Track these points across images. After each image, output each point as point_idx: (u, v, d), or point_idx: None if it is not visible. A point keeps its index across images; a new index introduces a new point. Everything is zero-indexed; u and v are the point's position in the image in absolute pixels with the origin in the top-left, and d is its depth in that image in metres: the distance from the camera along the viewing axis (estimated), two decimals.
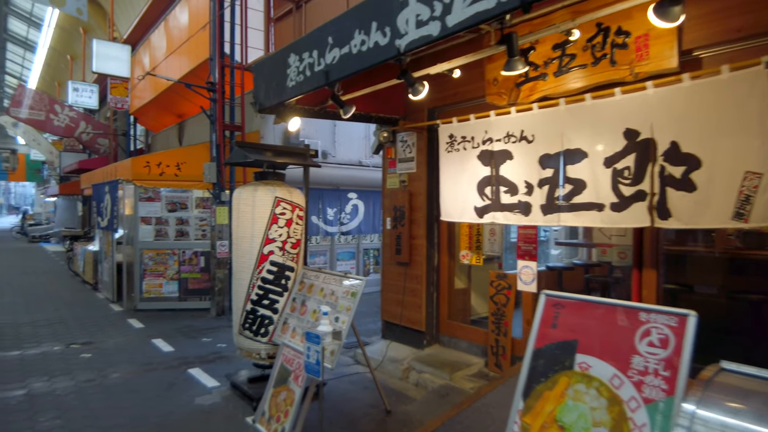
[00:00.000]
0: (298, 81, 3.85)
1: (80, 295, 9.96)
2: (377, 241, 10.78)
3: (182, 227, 8.69)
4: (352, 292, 3.72)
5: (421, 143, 5.47)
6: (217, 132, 8.12)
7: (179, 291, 8.64)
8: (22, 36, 21.08)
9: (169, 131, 13.34)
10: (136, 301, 8.49)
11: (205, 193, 8.95)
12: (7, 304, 8.87)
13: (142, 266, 8.48)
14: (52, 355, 5.84)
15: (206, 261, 8.68)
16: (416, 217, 5.54)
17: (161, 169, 8.39)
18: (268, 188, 4.32)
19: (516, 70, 3.00)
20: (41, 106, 13.80)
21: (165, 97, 11.74)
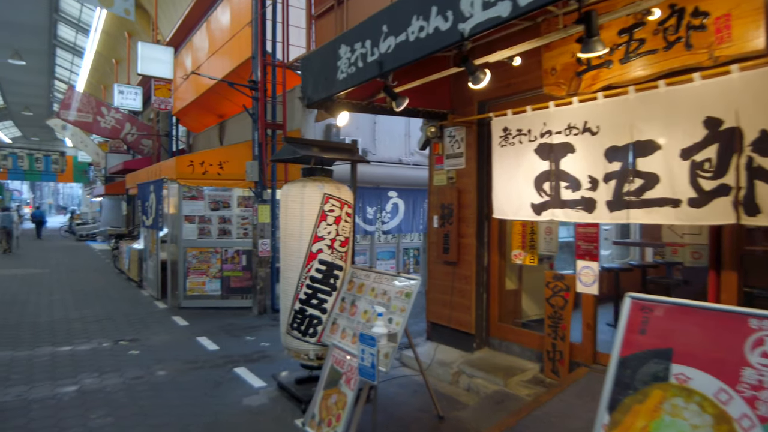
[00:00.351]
0: (349, 73, 3.72)
1: (126, 293, 10.17)
2: (417, 241, 10.60)
3: (224, 226, 8.73)
4: (406, 292, 3.55)
5: (471, 138, 5.26)
6: (259, 130, 8.11)
7: (221, 289, 8.69)
8: (70, 42, 21.87)
9: (210, 131, 13.52)
10: (180, 298, 8.58)
11: (246, 191, 8.98)
12: (58, 300, 9.12)
13: (186, 264, 8.56)
14: (102, 351, 5.92)
15: (248, 259, 8.70)
16: (465, 215, 5.34)
17: (204, 168, 8.45)
18: (316, 184, 4.20)
19: (595, 51, 2.77)
20: (89, 108, 14.22)
21: (206, 97, 11.89)
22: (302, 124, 8.78)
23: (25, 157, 33.51)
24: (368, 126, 9.63)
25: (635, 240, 7.56)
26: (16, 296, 9.41)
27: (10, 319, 7.53)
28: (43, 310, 8.26)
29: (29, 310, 8.22)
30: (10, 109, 35.25)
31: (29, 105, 31.48)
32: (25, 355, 5.67)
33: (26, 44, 21.17)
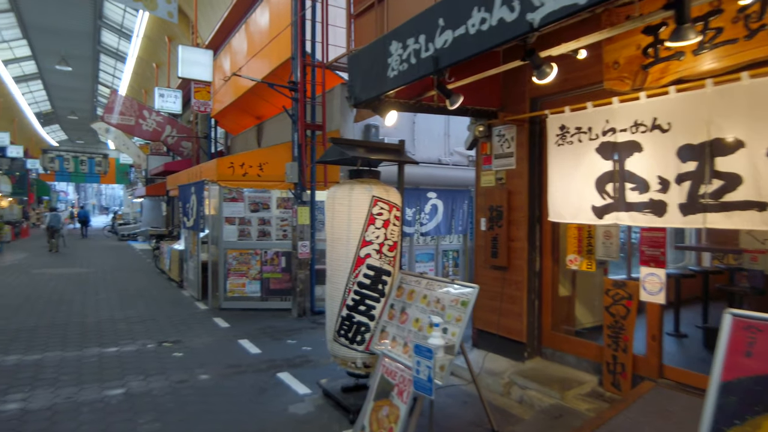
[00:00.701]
0: (401, 70, 3.56)
1: (167, 293, 10.31)
2: (457, 243, 10.37)
3: (264, 227, 8.72)
4: (463, 300, 3.36)
5: (522, 137, 5.02)
6: (298, 131, 8.06)
7: (261, 291, 8.67)
8: (113, 47, 22.54)
9: (248, 133, 13.63)
10: (221, 300, 8.61)
11: (284, 193, 8.95)
12: (103, 300, 9.31)
13: (226, 266, 8.59)
14: (147, 353, 5.94)
15: (287, 261, 8.66)
16: (515, 218, 5.10)
17: (244, 169, 8.45)
18: (364, 187, 4.06)
19: (687, 39, 2.52)
20: (131, 111, 14.56)
21: (245, 99, 11.97)
22: (341, 124, 8.69)
23: (71, 160, 34.87)
24: (407, 126, 9.45)
25: (692, 244, 7.14)
26: (63, 295, 9.66)
27: (58, 318, 7.70)
28: (90, 309, 8.42)
29: (76, 309, 8.41)
30: (57, 114, 36.73)
31: (75, 109, 32.72)
32: (73, 356, 5.75)
33: (72, 50, 21.95)
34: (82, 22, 19.76)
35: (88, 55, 23.70)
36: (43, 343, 6.28)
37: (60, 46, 21.34)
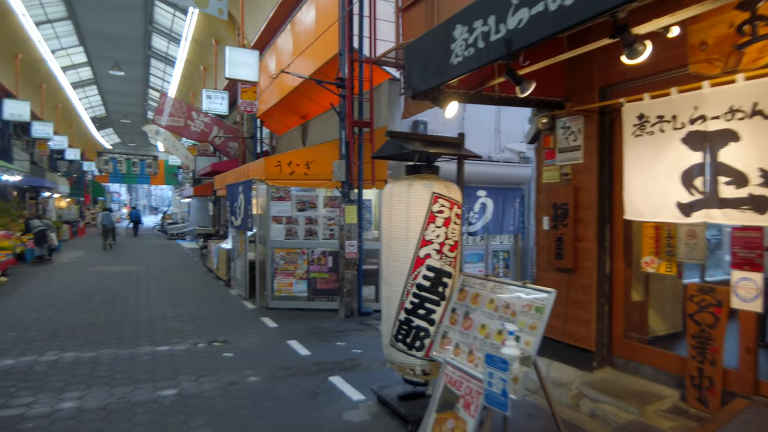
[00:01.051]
0: (466, 56, 3.29)
1: (215, 291, 10.39)
2: (507, 242, 9.97)
3: (311, 226, 8.62)
4: (537, 306, 3.07)
5: (591, 129, 4.65)
6: (346, 129, 7.90)
7: (308, 291, 8.57)
8: (162, 52, 23.22)
9: (293, 132, 13.64)
10: (268, 299, 8.57)
11: (328, 192, 8.83)
12: (154, 298, 9.46)
13: (274, 265, 8.54)
14: (197, 353, 5.91)
15: (334, 261, 8.53)
16: (583, 216, 4.74)
17: (291, 168, 8.38)
18: (424, 183, 3.82)
19: None
20: (180, 113, 14.87)
21: (290, 98, 11.96)
22: (389, 121, 8.48)
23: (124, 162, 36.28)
24: (456, 121, 9.14)
25: None
26: (117, 293, 9.89)
27: (113, 316, 7.83)
28: (142, 307, 8.55)
29: (129, 307, 8.55)
30: (111, 118, 38.32)
31: (127, 113, 34.01)
32: (127, 354, 5.78)
33: (125, 56, 22.76)
34: (133, 28, 20.42)
35: (140, 60, 24.51)
36: (99, 340, 6.36)
37: (113, 51, 22.16)
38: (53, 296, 9.46)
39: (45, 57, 20.19)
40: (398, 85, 8.47)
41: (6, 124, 20.06)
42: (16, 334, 6.62)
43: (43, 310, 8.21)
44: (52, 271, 13.13)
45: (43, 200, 27.40)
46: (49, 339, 6.37)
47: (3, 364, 5.33)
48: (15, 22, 16.48)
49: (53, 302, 8.86)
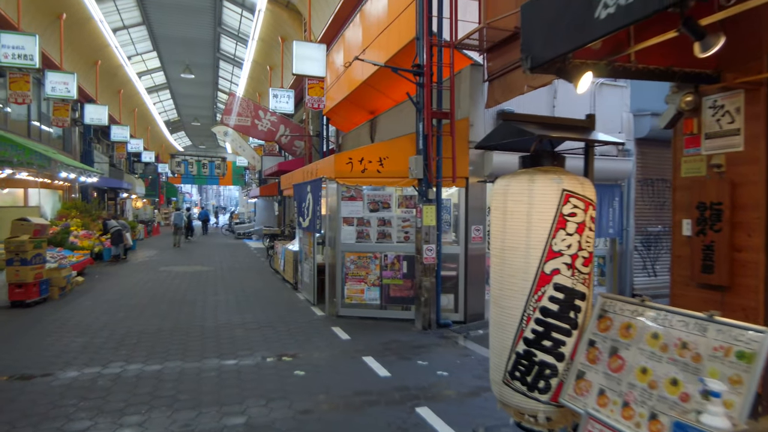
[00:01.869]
0: (623, 4, 2.42)
1: (282, 295, 9.96)
2: (603, 247, 8.82)
3: (384, 228, 7.93)
4: (741, 351, 2.14)
5: (756, 107, 3.59)
6: (424, 120, 7.14)
7: (380, 298, 7.90)
8: (230, 53, 23.54)
9: (360, 129, 13.06)
10: (338, 306, 7.97)
11: (401, 190, 8.11)
12: (222, 302, 9.14)
13: (344, 270, 7.93)
14: (266, 369, 5.36)
15: (409, 266, 7.79)
16: (743, 219, 3.69)
17: (363, 165, 7.72)
18: (550, 178, 2.97)
19: None
20: (248, 112, 14.73)
21: (358, 93, 11.37)
22: (470, 111, 7.63)
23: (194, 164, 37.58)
24: (545, 108, 8.14)
25: None
26: (185, 296, 9.68)
27: (181, 321, 7.52)
28: (209, 312, 8.22)
29: (197, 311, 8.25)
30: (183, 121, 39.83)
31: (197, 116, 35.12)
32: (193, 369, 5.32)
33: (195, 59, 23.27)
34: (203, 30, 20.75)
35: (209, 63, 25.02)
36: (165, 350, 5.98)
37: (185, 55, 22.69)
38: (124, 297, 9.38)
39: (122, 62, 20.92)
40: (481, 70, 7.60)
41: (87, 129, 21.00)
42: (85, 340, 6.38)
43: (113, 312, 8.05)
44: (125, 271, 13.32)
45: (121, 201, 28.72)
46: (116, 347, 6.06)
47: (66, 376, 5.01)
48: (95, 29, 17.06)
49: (124, 304, 8.73)
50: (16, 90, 11.70)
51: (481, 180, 7.71)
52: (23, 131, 15.40)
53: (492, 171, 7.60)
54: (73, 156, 20.13)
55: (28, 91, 11.79)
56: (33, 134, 16.16)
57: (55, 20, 14.77)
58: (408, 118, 9.81)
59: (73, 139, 20.49)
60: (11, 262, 8.51)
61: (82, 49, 17.75)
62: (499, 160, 7.54)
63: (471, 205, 7.66)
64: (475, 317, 7.71)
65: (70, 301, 9.11)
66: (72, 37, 16.47)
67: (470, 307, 7.69)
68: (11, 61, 11.42)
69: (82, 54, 18.05)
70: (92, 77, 19.81)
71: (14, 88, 11.69)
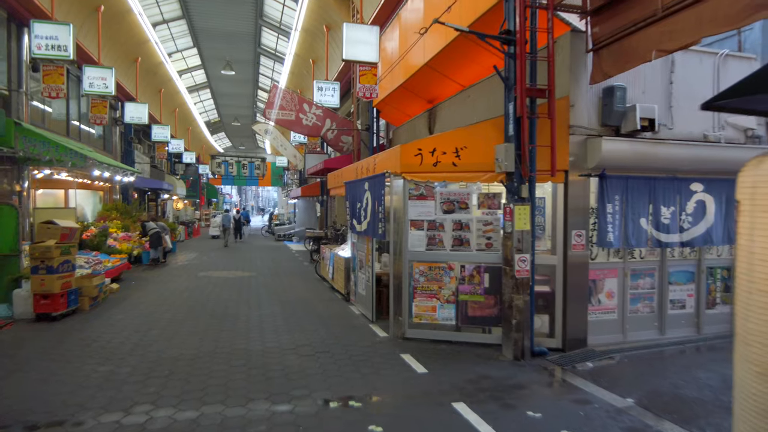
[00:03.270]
0: None
1: (333, 308, 8.74)
2: (727, 256, 7.18)
3: (461, 233, 6.56)
4: None
5: None
6: (516, 100, 5.74)
7: (456, 318, 6.53)
8: (271, 48, 22.66)
9: (415, 121, 11.72)
10: (405, 326, 6.66)
11: (484, 187, 6.73)
12: (267, 316, 7.98)
13: (412, 283, 6.61)
14: (330, 421, 4.09)
15: (492, 279, 6.40)
16: None
17: (436, 157, 6.39)
18: None
19: None
20: (291, 105, 13.65)
21: (416, 79, 10.06)
22: (570, 88, 6.17)
23: (234, 164, 37.16)
24: (660, 88, 6.59)
25: None
26: (227, 308, 8.59)
27: (222, 343, 6.38)
28: (254, 329, 7.06)
29: (240, 329, 7.11)
30: (223, 122, 39.55)
31: (237, 116, 34.65)
32: (236, 419, 4.10)
33: (236, 55, 22.51)
34: (244, 23, 19.89)
35: (250, 59, 24.23)
36: (202, 386, 4.80)
37: (225, 50, 21.94)
38: (159, 309, 8.36)
39: (162, 59, 20.33)
40: (583, 38, 6.15)
41: (128, 128, 20.51)
42: (108, 369, 5.29)
43: (146, 330, 7.00)
44: (163, 277, 12.43)
45: (162, 202, 28.39)
46: (143, 380, 4.93)
47: (77, 429, 3.87)
48: (134, 23, 16.40)
49: (158, 318, 7.69)
50: (50, 83, 10.96)
51: (584, 174, 6.23)
52: (62, 130, 14.82)
53: (599, 162, 6.12)
54: (114, 156, 19.63)
55: (63, 84, 11.02)
56: (72, 134, 15.60)
57: (92, 12, 14.09)
58: (478, 104, 8.42)
59: (114, 139, 20.02)
60: (36, 270, 7.61)
61: (122, 44, 17.13)
62: (613, 147, 6.05)
63: (571, 206, 6.20)
64: (576, 344, 6.25)
65: (101, 313, 8.15)
66: (111, 32, 15.83)
67: (570, 330, 6.23)
68: (44, 52, 10.66)
69: (122, 50, 17.45)
70: (132, 75, 19.25)
71: (48, 81, 10.94)
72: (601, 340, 6.44)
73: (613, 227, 6.31)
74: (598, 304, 6.52)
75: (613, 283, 6.62)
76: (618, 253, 6.63)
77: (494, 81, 7.96)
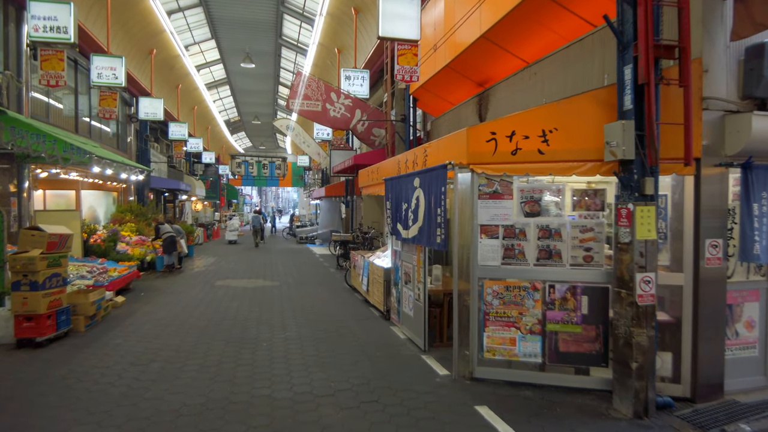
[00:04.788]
0: None
1: (372, 329, 7.26)
2: None
3: (549, 243, 5.00)
4: None
5: None
6: (639, 59, 4.16)
7: (543, 353, 4.97)
8: (293, 39, 21.35)
9: (461, 109, 10.18)
10: (473, 362, 5.13)
11: (581, 182, 5.17)
12: (293, 342, 6.53)
13: (483, 307, 5.07)
14: None
15: (592, 304, 4.83)
16: None
17: (515, 143, 4.84)
18: None
19: None
20: (318, 95, 12.23)
21: (468, 56, 8.52)
22: (703, 45, 4.56)
23: (254, 164, 36.01)
24: None
25: None
26: (246, 329, 7.18)
27: (239, 383, 4.95)
28: (279, 364, 5.62)
29: (261, 363, 5.67)
30: (243, 120, 38.51)
31: (258, 114, 33.52)
32: None
33: (256, 46, 21.26)
34: (265, 10, 18.60)
35: (270, 51, 22.96)
36: None
37: (245, 41, 20.71)
38: (166, 331, 7.00)
39: (179, 52, 19.16)
40: None
41: (143, 126, 19.40)
42: (90, 428, 3.89)
43: (147, 362, 5.62)
44: (177, 286, 11.12)
45: (180, 203, 27.35)
46: None
47: None
48: (148, 10, 15.22)
49: (163, 345, 6.32)
50: (48, 69, 9.72)
51: (723, 163, 4.62)
52: (70, 127, 13.68)
53: (744, 147, 4.49)
54: (129, 155, 18.52)
55: (63, 71, 9.78)
56: (83, 131, 14.47)
57: None
58: (549, 83, 6.84)
59: (128, 138, 18.92)
60: (17, 285, 6.30)
61: (134, 33, 15.96)
62: (765, 127, 4.43)
63: (705, 206, 4.59)
64: (709, 391, 4.64)
65: (97, 336, 6.82)
66: (122, 20, 14.65)
67: (701, 373, 4.62)
68: (42, 35, 9.46)
69: (135, 40, 16.28)
70: (147, 68, 18.11)
71: (47, 67, 9.71)
72: (737, 384, 4.81)
73: (761, 235, 4.68)
74: (735, 336, 4.90)
75: (754, 308, 4.98)
76: (761, 269, 4.99)
77: (572, 52, 6.39)
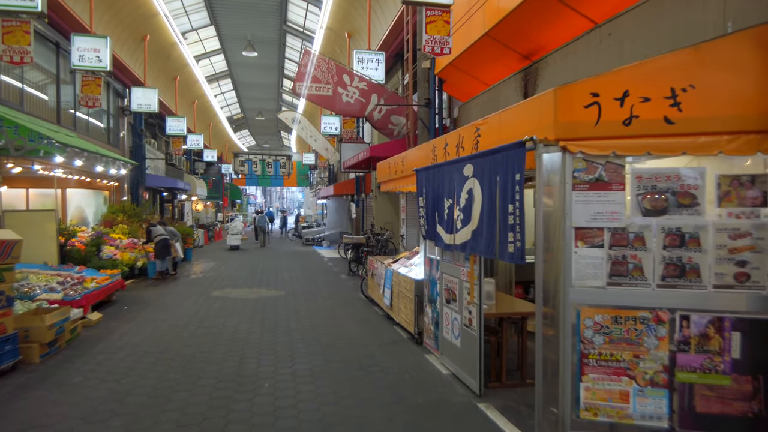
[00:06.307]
0: None
1: (402, 360, 5.72)
2: None
3: (680, 253, 3.43)
4: None
5: None
6: None
7: (670, 415, 3.41)
8: (299, 25, 19.85)
9: (500, 88, 8.63)
10: (564, 424, 3.56)
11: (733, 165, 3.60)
12: (304, 380, 4.99)
13: (580, 346, 3.52)
14: None
15: (746, 344, 3.26)
16: None
17: (628, 107, 3.30)
18: None
19: None
20: (328, 77, 10.71)
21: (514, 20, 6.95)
22: None
23: (258, 163, 34.52)
24: None
25: None
26: (243, 359, 5.66)
27: None
28: (285, 420, 4.09)
29: (261, 418, 4.14)
30: (246, 117, 37.07)
31: (261, 109, 32.06)
32: None
33: (258, 32, 19.79)
34: None
35: (274, 38, 21.44)
36: None
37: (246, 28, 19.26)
38: (143, 363, 5.48)
39: (176, 39, 17.69)
40: None
41: (138, 119, 17.95)
42: None
43: (104, 419, 4.11)
44: (167, 298, 9.62)
45: (179, 203, 25.91)
46: None
47: None
48: None
49: (133, 388, 4.79)
50: (12, 44, 8.24)
51: None
52: (51, 117, 12.22)
53: None
54: (121, 151, 17.08)
55: (29, 45, 8.29)
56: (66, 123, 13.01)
57: None
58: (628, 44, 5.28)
59: (122, 132, 17.47)
60: None
61: (125, 15, 14.49)
62: None
63: None
64: None
65: (52, 371, 5.31)
66: None
67: None
68: (4, 2, 7.96)
69: (126, 23, 14.82)
70: (140, 56, 16.64)
71: (9, 41, 8.22)
72: None
73: None
74: None
75: None
76: None
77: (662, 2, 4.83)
